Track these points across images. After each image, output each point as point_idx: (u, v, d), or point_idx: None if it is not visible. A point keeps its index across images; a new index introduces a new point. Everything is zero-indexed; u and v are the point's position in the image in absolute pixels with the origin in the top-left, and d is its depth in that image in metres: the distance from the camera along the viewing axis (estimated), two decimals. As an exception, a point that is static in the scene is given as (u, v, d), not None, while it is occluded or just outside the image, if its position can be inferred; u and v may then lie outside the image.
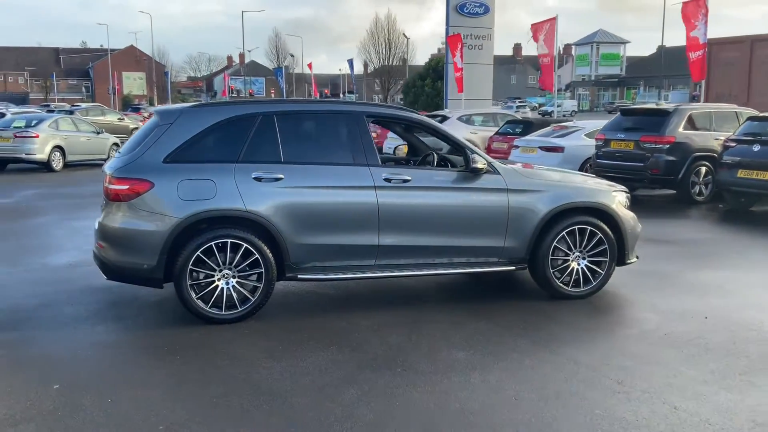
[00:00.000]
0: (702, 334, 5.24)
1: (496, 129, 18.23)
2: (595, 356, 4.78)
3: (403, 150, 7.59)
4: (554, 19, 19.66)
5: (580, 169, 14.34)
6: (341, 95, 72.20)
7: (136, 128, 31.70)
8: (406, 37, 56.74)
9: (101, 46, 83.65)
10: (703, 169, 12.19)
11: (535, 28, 20.46)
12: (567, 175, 6.52)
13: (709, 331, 5.31)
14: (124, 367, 4.58)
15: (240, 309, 5.39)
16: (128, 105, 60.81)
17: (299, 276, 5.57)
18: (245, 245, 5.33)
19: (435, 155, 6.56)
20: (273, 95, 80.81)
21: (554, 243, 6.02)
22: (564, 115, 55.12)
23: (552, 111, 64.50)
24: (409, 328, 5.32)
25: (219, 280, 5.34)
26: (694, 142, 12.18)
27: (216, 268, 5.32)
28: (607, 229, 6.15)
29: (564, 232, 6.04)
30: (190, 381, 4.35)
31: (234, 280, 5.37)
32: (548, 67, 19.99)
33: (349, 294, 6.33)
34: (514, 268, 6.06)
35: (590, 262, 6.14)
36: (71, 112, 27.57)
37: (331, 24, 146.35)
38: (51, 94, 72.56)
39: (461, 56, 23.32)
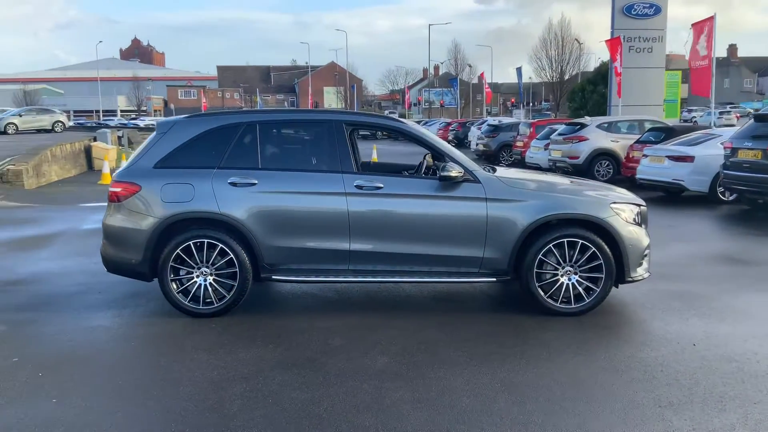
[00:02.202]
0: (667, 362, 4.75)
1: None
2: (519, 376, 4.52)
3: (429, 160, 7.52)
4: (712, 18, 17.98)
5: (713, 181, 13.13)
6: (527, 105, 70.96)
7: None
8: (579, 42, 54.39)
9: (306, 63, 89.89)
10: None
11: (696, 28, 18.83)
12: (566, 186, 6.14)
13: (679, 360, 4.79)
14: (83, 348, 5.17)
15: (216, 305, 5.80)
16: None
17: (273, 277, 5.86)
18: (220, 245, 5.74)
19: (425, 163, 6.52)
20: (463, 105, 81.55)
21: (539, 256, 5.74)
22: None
23: (765, 118, 58.03)
24: (360, 333, 5.39)
25: (197, 276, 5.79)
26: (836, 151, 10.63)
27: (194, 265, 5.78)
28: (602, 244, 5.74)
29: (551, 245, 5.74)
30: (120, 365, 4.83)
31: (211, 278, 5.80)
32: (705, 71, 18.29)
33: (336, 296, 6.51)
34: (495, 279, 5.87)
35: (584, 278, 5.77)
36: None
37: (534, 32, 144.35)
38: (256, 107, 79.42)
39: (620, 60, 22.07)
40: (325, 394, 4.25)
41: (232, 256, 5.74)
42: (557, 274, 5.77)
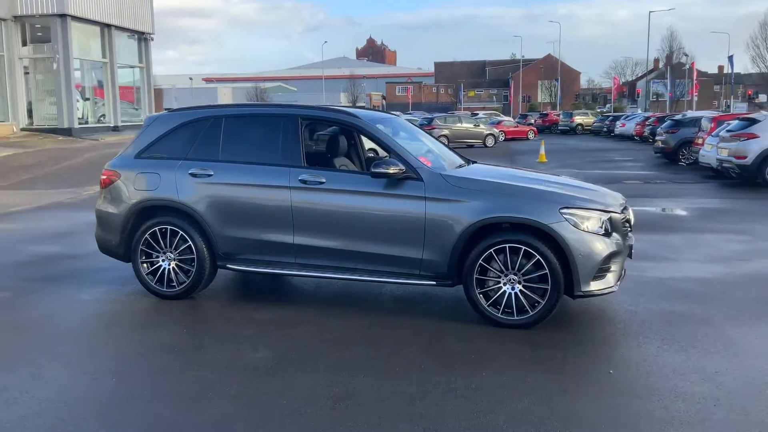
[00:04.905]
0: (541, 388, 4.19)
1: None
2: (368, 385, 4.26)
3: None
4: None
5: None
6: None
7: (491, 134, 33.53)
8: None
9: (523, 56, 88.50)
10: None
11: None
12: (524, 187, 5.52)
13: (563, 387, 4.21)
14: (50, 315, 5.82)
15: (177, 288, 6.16)
16: (532, 112, 63.73)
17: (228, 265, 6.07)
18: (181, 232, 6.08)
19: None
20: (697, 98, 74.56)
21: (480, 261, 5.30)
22: None
23: None
24: (279, 327, 5.40)
25: (163, 261, 6.19)
26: None
27: (160, 250, 6.18)
28: (548, 252, 5.15)
29: (492, 250, 5.27)
30: (55, 332, 5.37)
31: (173, 263, 6.16)
32: None
33: (314, 288, 6.57)
34: (434, 283, 5.52)
35: (530, 288, 5.23)
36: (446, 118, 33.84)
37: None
38: (460, 103, 79.88)
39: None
40: (167, 379, 4.39)
41: (190, 243, 6.05)
42: (500, 282, 5.29)
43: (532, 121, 50.57)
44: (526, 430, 3.64)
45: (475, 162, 6.69)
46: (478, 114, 53.59)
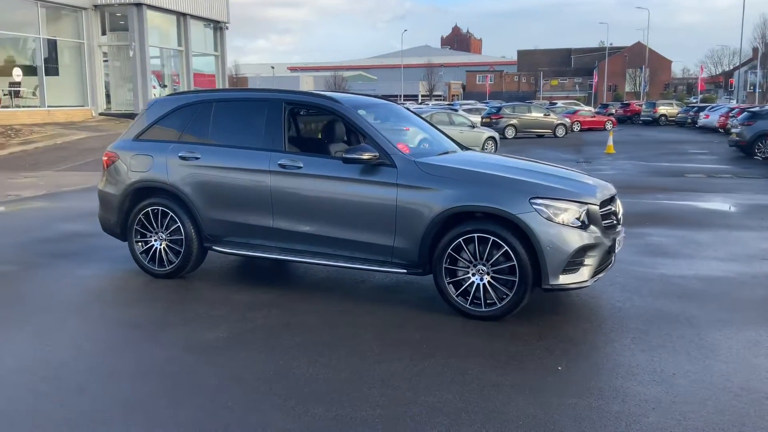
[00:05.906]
0: (487, 376, 4.07)
1: None
2: (294, 370, 4.27)
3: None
4: None
5: None
6: None
7: (561, 124, 32.68)
8: None
9: (610, 44, 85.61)
10: None
11: None
12: (502, 176, 5.32)
13: (498, 382, 4.06)
14: (44, 288, 6.10)
15: (167, 268, 6.32)
16: (615, 101, 61.63)
17: (214, 247, 6.18)
18: (171, 213, 6.23)
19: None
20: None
21: (449, 250, 5.18)
22: None
23: None
24: (247, 309, 5.45)
25: (154, 240, 6.36)
26: None
27: (153, 230, 6.35)
28: (516, 243, 4.97)
29: (461, 240, 5.14)
30: (37, 302, 5.62)
31: (164, 243, 6.32)
32: None
33: (302, 273, 6.59)
34: (405, 271, 5.43)
35: (496, 279, 5.08)
36: (514, 107, 33.73)
37: None
38: (539, 92, 77.97)
39: None
40: (120, 355, 4.52)
41: (179, 224, 6.19)
42: (467, 272, 5.16)
43: (613, 111, 48.86)
44: (439, 421, 3.55)
45: (468, 149, 6.54)
46: (556, 103, 52.34)
